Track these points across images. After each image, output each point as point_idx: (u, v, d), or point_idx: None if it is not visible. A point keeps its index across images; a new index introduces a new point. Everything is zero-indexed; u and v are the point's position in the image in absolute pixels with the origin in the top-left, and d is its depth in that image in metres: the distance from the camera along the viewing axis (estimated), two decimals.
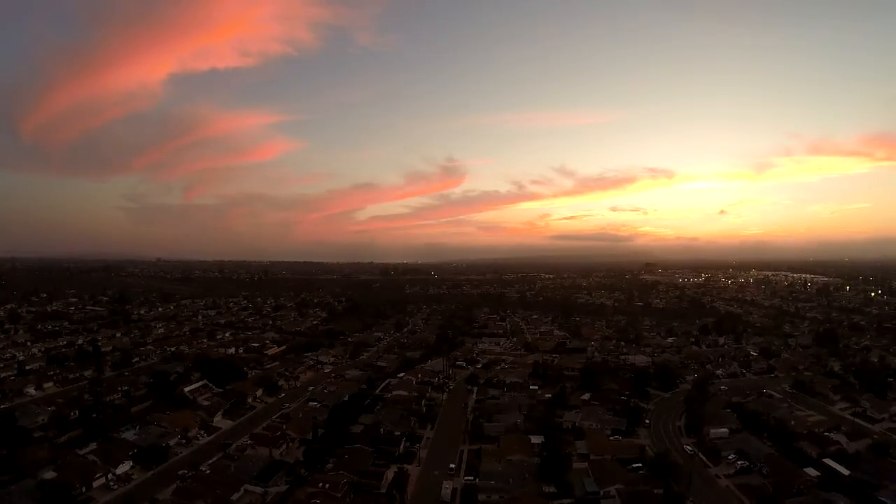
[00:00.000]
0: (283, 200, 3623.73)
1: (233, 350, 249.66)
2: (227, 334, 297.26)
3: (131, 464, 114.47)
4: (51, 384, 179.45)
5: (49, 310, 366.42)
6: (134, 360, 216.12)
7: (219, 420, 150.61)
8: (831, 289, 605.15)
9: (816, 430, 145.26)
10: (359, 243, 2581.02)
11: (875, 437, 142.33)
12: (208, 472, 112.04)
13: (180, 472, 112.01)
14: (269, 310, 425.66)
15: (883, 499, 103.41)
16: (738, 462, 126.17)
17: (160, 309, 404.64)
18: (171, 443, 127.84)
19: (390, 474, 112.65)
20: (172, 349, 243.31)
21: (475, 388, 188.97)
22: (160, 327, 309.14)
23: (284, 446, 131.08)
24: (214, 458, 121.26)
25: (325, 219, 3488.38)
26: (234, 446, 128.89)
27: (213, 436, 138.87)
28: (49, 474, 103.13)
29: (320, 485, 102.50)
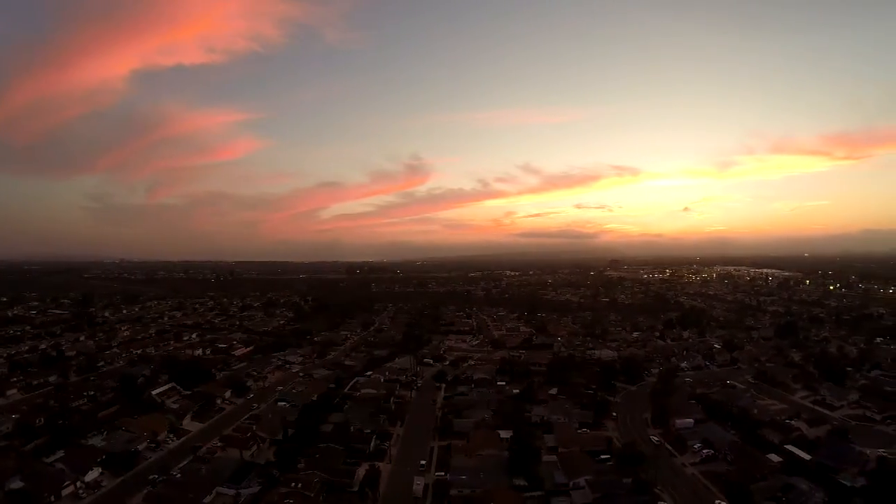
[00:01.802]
0: (249, 200, 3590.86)
1: (200, 351, 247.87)
2: (193, 335, 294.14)
3: (100, 470, 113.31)
4: (14, 391, 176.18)
5: (10, 314, 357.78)
6: (99, 364, 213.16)
7: (188, 423, 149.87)
8: (792, 283, 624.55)
9: (778, 417, 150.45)
10: (324, 242, 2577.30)
11: (834, 423, 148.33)
12: (179, 476, 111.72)
13: (151, 477, 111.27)
14: (235, 310, 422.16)
15: (843, 481, 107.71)
16: (704, 450, 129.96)
17: (125, 311, 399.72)
18: (141, 447, 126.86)
19: (362, 472, 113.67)
20: (138, 352, 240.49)
21: (443, 385, 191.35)
22: (125, 330, 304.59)
23: (255, 447, 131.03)
24: (185, 462, 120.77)
25: (290, 218, 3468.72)
26: (204, 449, 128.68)
27: (182, 439, 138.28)
28: (16, 484, 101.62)
29: (293, 484, 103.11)
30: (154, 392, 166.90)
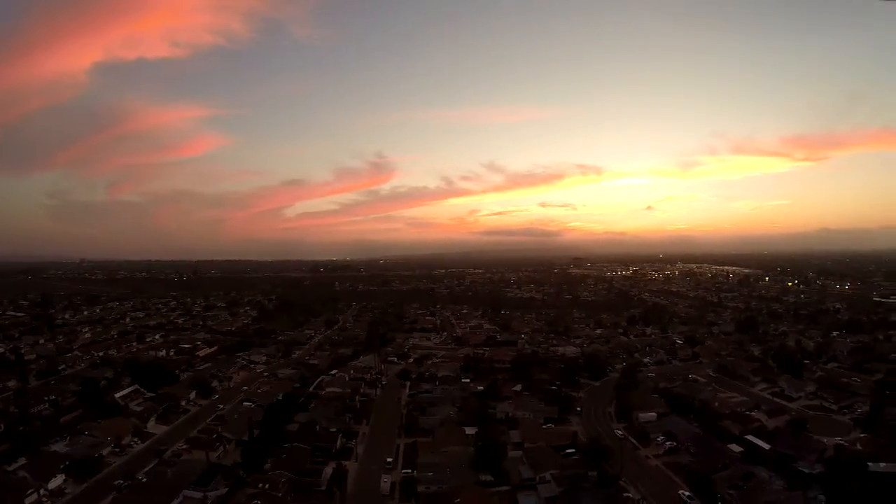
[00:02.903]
0: (213, 198, 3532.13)
1: (163, 353, 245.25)
2: (156, 336, 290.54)
3: (64, 477, 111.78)
4: None
5: None
6: (60, 368, 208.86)
7: (152, 426, 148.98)
8: (752, 280, 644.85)
9: (738, 409, 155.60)
10: (288, 241, 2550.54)
11: (792, 413, 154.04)
12: (144, 480, 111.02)
13: (116, 483, 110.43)
14: (199, 310, 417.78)
15: (801, 468, 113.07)
16: (667, 443, 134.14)
17: (86, 312, 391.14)
18: (104, 452, 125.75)
19: (329, 471, 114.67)
20: (100, 354, 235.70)
21: (408, 383, 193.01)
22: (86, 332, 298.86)
23: (221, 449, 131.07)
24: (150, 466, 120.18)
25: (254, 216, 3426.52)
26: (169, 452, 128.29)
27: (147, 442, 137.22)
28: None
29: (260, 485, 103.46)
30: (117, 395, 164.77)
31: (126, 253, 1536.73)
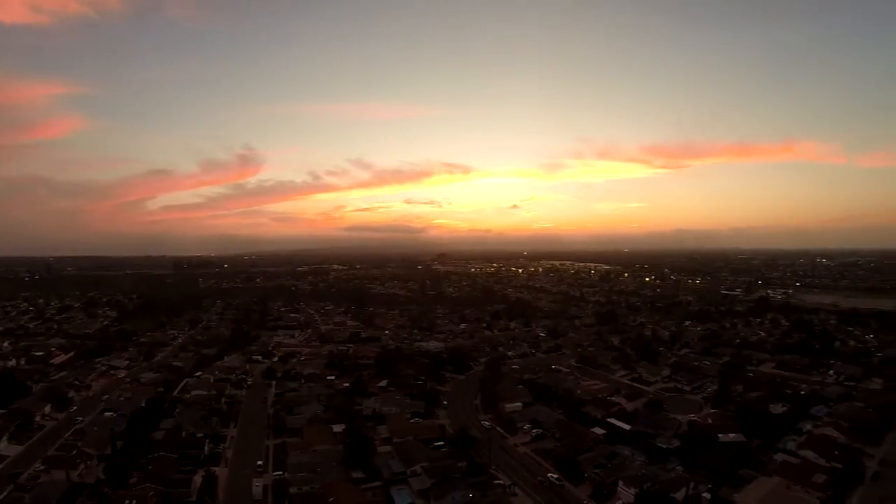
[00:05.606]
0: (71, 186, 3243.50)
1: (13, 362, 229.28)
2: (4, 344, 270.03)
3: None
4: None
5: None
6: None
7: (4, 446, 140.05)
8: (612, 276, 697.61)
9: (600, 395, 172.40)
10: (151, 235, 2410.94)
11: (650, 396, 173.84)
12: None
13: None
14: (53, 312, 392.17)
15: (660, 444, 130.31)
16: (533, 430, 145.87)
17: None
18: None
19: (199, 479, 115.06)
20: None
21: (274, 382, 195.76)
22: None
23: (82, 466, 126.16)
24: (5, 493, 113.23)
25: (116, 208, 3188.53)
26: (25, 475, 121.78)
27: None
28: None
29: (127, 502, 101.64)
30: None
31: None
